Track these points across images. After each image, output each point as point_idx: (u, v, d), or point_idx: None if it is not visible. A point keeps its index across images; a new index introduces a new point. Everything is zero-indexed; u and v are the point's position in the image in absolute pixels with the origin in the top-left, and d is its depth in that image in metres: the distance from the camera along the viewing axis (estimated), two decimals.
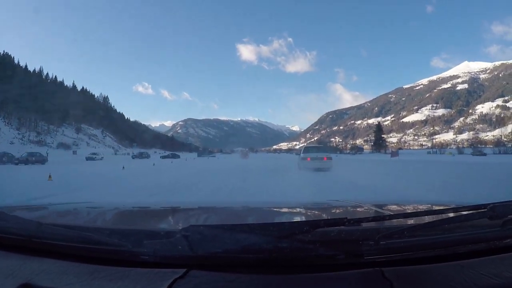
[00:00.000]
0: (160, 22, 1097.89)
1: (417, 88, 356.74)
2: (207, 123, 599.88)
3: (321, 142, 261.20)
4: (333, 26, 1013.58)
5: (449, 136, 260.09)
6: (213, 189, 7.87)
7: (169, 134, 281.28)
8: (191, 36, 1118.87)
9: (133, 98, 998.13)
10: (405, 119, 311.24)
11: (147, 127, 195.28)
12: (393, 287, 0.55)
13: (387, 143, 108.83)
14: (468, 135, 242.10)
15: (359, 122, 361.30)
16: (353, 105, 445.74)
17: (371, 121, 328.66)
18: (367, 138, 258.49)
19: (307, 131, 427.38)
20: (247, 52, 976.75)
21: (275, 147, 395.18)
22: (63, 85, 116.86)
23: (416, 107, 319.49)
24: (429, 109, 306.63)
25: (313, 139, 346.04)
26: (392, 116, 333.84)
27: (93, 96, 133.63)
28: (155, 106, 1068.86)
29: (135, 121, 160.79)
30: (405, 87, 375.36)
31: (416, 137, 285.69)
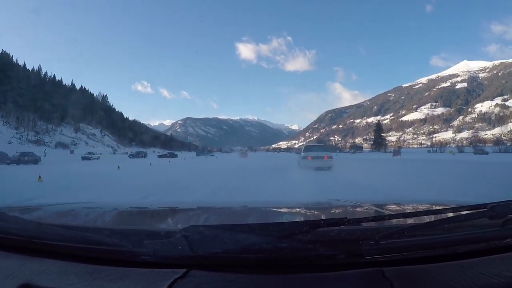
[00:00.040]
0: (159, 20, 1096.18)
1: (416, 87, 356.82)
2: (206, 122, 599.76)
3: (321, 141, 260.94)
4: (332, 25, 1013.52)
5: (448, 134, 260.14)
6: (213, 189, 7.63)
7: (168, 133, 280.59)
8: (190, 34, 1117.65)
9: (132, 97, 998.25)
10: (404, 118, 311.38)
11: (146, 126, 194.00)
12: (393, 287, 0.55)
13: (386, 142, 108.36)
14: (467, 133, 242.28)
15: (358, 121, 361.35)
16: (352, 104, 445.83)
17: (370, 120, 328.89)
18: (366, 137, 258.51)
19: (306, 130, 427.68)
20: (246, 51, 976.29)
21: (274, 146, 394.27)
22: (61, 84, 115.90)
23: (415, 106, 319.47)
24: (428, 108, 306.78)
25: (312, 138, 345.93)
26: (391, 114, 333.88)
27: (92, 95, 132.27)
28: (154, 105, 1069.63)
29: (134, 120, 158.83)
30: (404, 86, 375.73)
31: (415, 136, 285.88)
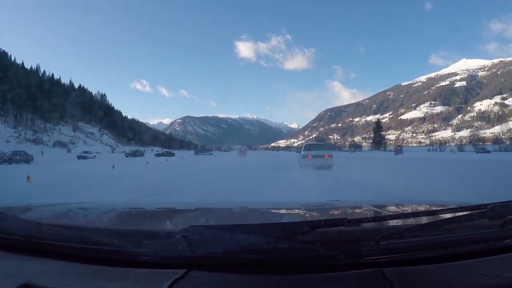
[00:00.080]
0: (157, 19, 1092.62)
1: (415, 85, 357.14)
2: (205, 120, 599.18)
3: (320, 139, 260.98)
4: (331, 23, 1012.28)
5: (447, 133, 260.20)
6: (212, 190, 7.39)
7: (167, 132, 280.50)
8: (189, 33, 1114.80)
9: (131, 95, 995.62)
10: (403, 116, 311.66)
11: (145, 125, 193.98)
12: (394, 287, 0.55)
13: (385, 140, 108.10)
14: (466, 132, 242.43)
15: (357, 119, 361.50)
16: (351, 103, 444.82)
17: (369, 119, 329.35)
18: (366, 135, 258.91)
19: (305, 128, 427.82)
20: (245, 49, 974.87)
21: (273, 144, 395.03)
22: (60, 83, 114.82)
23: (414, 105, 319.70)
24: (427, 107, 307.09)
25: (311, 137, 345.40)
26: (390, 113, 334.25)
27: (91, 94, 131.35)
28: (153, 103, 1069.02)
29: (133, 119, 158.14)
30: (403, 84, 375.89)
31: (414, 135, 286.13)
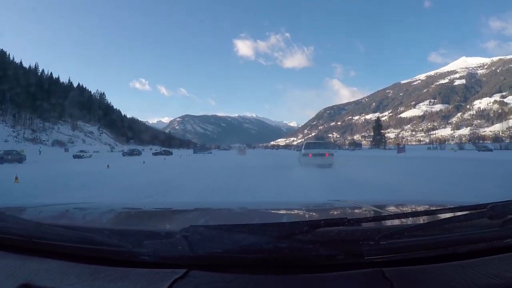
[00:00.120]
0: (157, 17, 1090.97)
1: (415, 83, 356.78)
2: (204, 119, 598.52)
3: (319, 138, 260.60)
4: (330, 21, 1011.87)
5: (446, 131, 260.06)
6: (212, 190, 7.19)
7: (166, 130, 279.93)
8: (188, 32, 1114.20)
9: (130, 94, 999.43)
10: (403, 115, 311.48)
11: (144, 124, 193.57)
12: (394, 287, 0.55)
13: (385, 138, 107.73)
14: (465, 130, 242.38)
15: (356, 117, 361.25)
16: (350, 101, 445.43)
17: (368, 117, 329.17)
18: (365, 133, 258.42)
19: (305, 127, 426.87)
20: (245, 47, 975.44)
21: (272, 143, 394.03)
22: (59, 82, 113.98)
23: (413, 103, 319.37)
24: (427, 105, 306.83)
25: (311, 135, 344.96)
26: (389, 111, 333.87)
27: (90, 92, 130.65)
28: (152, 102, 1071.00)
29: (132, 118, 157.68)
30: (403, 82, 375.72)
31: (413, 133, 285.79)
